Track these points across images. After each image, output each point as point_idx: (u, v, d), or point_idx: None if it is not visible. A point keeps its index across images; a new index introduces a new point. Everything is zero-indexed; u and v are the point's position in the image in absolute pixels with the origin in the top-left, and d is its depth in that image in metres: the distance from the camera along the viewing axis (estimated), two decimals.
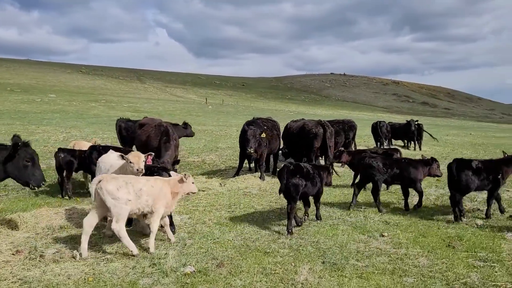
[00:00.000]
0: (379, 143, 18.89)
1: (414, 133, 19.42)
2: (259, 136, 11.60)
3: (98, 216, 6.16)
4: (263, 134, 11.78)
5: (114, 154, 7.80)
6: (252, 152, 11.31)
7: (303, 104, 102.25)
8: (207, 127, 26.46)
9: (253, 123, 12.09)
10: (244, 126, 11.75)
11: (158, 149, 10.06)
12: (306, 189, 7.40)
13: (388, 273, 5.53)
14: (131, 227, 7.20)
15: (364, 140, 21.57)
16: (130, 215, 6.23)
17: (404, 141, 20.76)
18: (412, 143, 20.03)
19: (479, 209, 8.70)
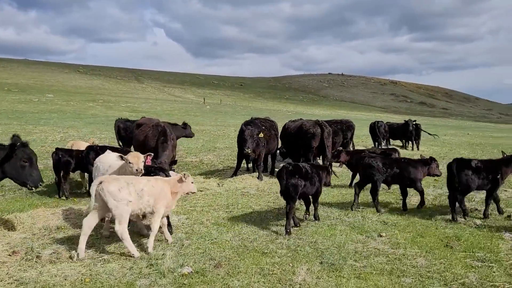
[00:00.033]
0: (377, 143, 18.90)
1: (412, 133, 19.46)
2: (256, 136, 11.59)
3: (98, 217, 6.14)
4: (261, 134, 11.77)
5: (113, 154, 7.77)
6: (249, 152, 11.30)
7: (301, 104, 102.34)
8: (205, 127, 26.42)
9: (251, 123, 12.08)
10: (242, 126, 11.73)
11: (156, 149, 10.02)
12: (305, 189, 7.42)
13: (386, 274, 5.52)
14: (128, 227, 7.17)
15: (362, 140, 21.58)
16: (131, 216, 6.22)
17: (402, 141, 20.79)
18: (410, 143, 20.06)
19: (477, 209, 8.70)
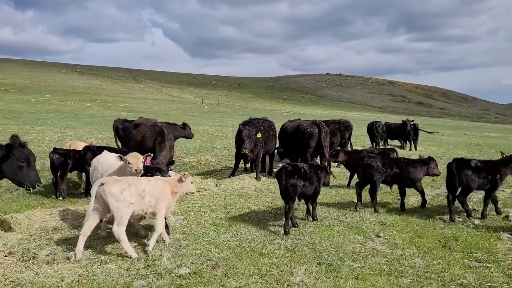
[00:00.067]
0: (375, 143, 18.91)
1: (410, 133, 19.48)
2: (254, 136, 11.57)
3: (98, 218, 6.13)
4: (258, 134, 11.75)
5: (112, 155, 7.76)
6: (247, 152, 11.28)
7: (299, 104, 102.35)
8: (203, 127, 26.37)
9: (249, 124, 12.08)
10: (240, 127, 11.72)
11: (153, 150, 10.00)
12: (304, 189, 7.44)
13: (384, 274, 5.51)
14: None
15: (360, 140, 21.57)
16: (132, 217, 6.22)
17: (400, 141, 20.81)
18: (408, 143, 20.08)
19: (474, 209, 8.69)
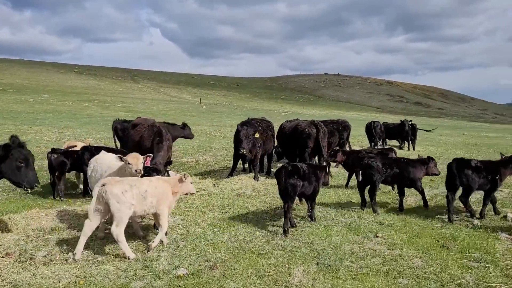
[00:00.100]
0: (373, 143, 18.92)
1: (408, 133, 19.50)
2: (252, 136, 11.56)
3: (100, 219, 6.09)
4: (257, 134, 11.74)
5: (111, 155, 7.72)
6: (245, 152, 11.26)
7: (297, 104, 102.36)
8: (201, 127, 26.33)
9: (247, 124, 12.07)
10: (238, 127, 11.70)
11: (151, 150, 9.97)
12: (304, 189, 7.47)
13: (382, 275, 5.50)
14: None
15: (358, 140, 21.58)
16: (134, 217, 6.18)
17: (399, 141, 20.82)
18: (406, 143, 20.09)
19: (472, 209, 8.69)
